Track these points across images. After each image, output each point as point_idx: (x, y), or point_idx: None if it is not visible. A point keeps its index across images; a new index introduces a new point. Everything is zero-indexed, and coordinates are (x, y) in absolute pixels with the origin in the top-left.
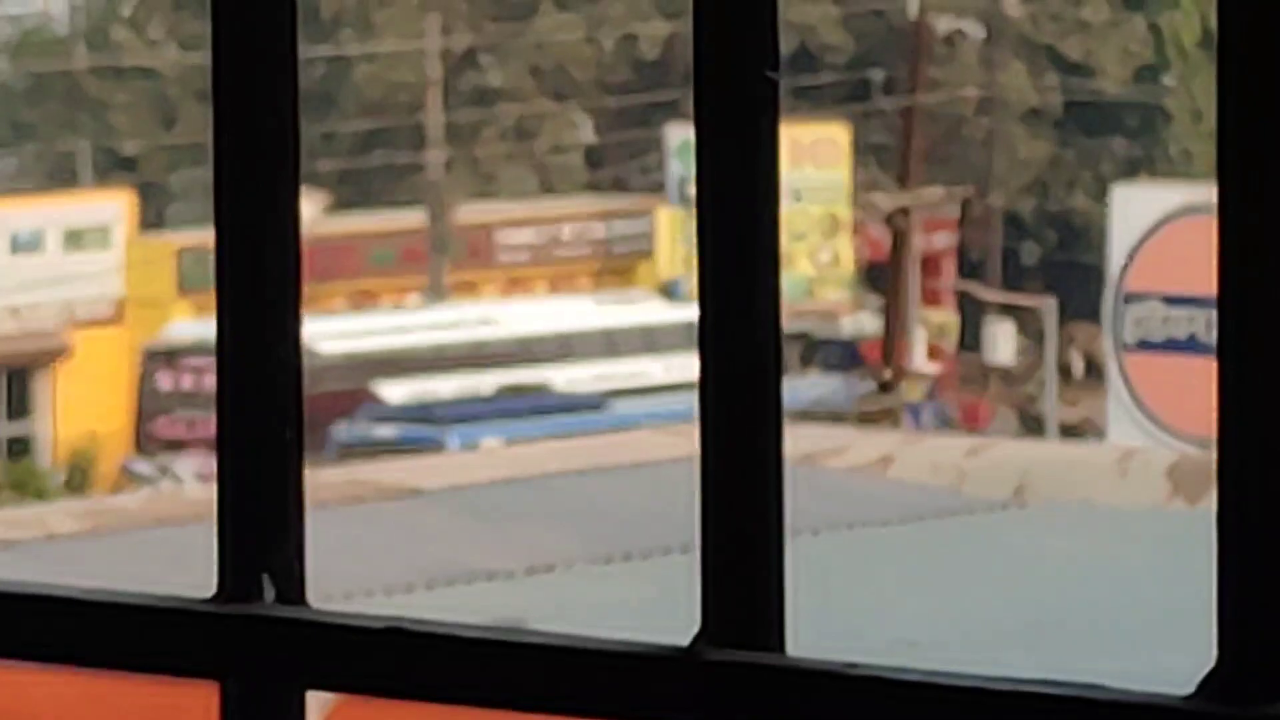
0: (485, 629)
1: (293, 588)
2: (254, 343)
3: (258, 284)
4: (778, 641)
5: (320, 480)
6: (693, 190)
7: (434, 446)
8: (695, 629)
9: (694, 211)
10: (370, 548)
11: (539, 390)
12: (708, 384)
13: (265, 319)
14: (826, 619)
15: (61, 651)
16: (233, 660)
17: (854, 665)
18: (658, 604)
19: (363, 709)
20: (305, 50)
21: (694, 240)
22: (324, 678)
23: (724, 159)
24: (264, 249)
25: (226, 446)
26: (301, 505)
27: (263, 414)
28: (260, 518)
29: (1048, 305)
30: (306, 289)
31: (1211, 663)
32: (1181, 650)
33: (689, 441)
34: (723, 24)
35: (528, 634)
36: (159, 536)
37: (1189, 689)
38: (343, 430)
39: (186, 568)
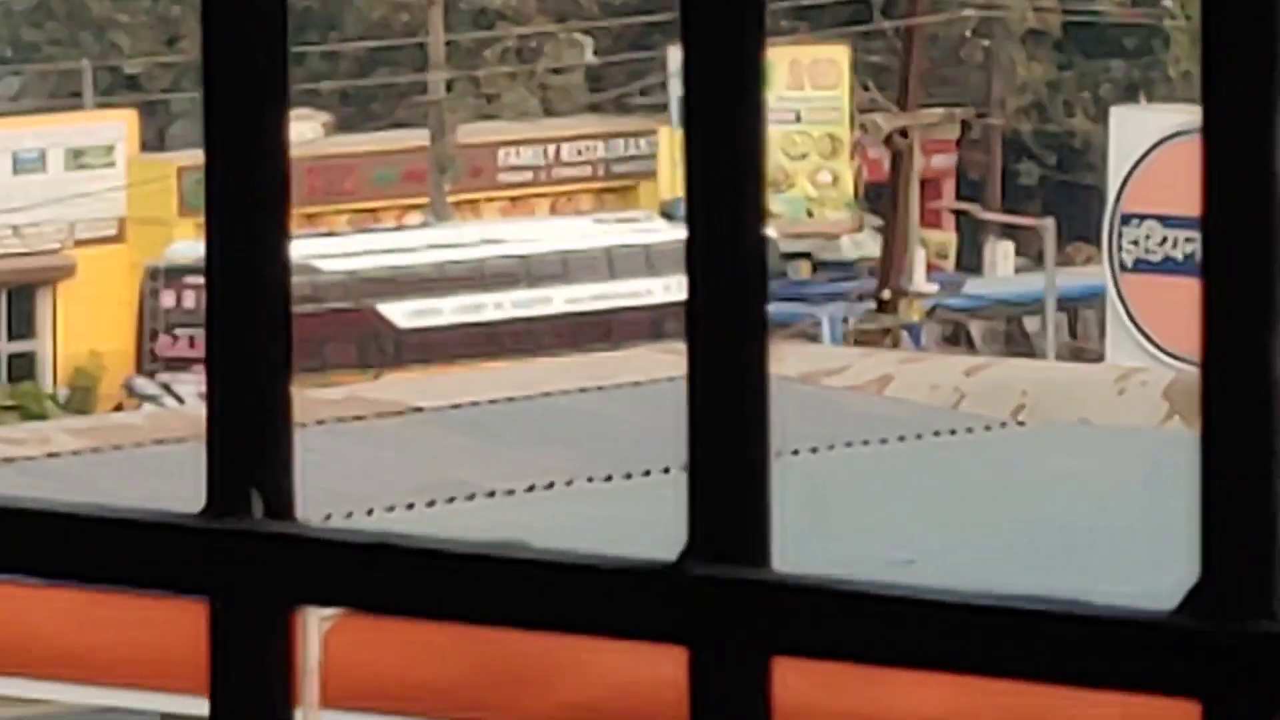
0: (473, 544)
1: (282, 503)
2: (241, 260)
3: (246, 202)
4: (764, 558)
5: (320, 398)
6: None
7: (809, 325)
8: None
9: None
10: (370, 465)
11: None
12: (695, 302)
13: (253, 236)
14: (824, 537)
15: (49, 566)
16: (221, 576)
17: (840, 581)
18: (658, 522)
19: (362, 624)
20: None
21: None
22: (312, 593)
23: (711, 78)
24: (252, 168)
25: (215, 363)
26: (290, 421)
27: (251, 330)
28: (249, 433)
29: (1046, 226)
30: (309, 208)
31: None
32: (1177, 568)
33: (685, 359)
34: None
35: (515, 549)
36: (161, 453)
37: (1174, 605)
38: None
39: (187, 485)
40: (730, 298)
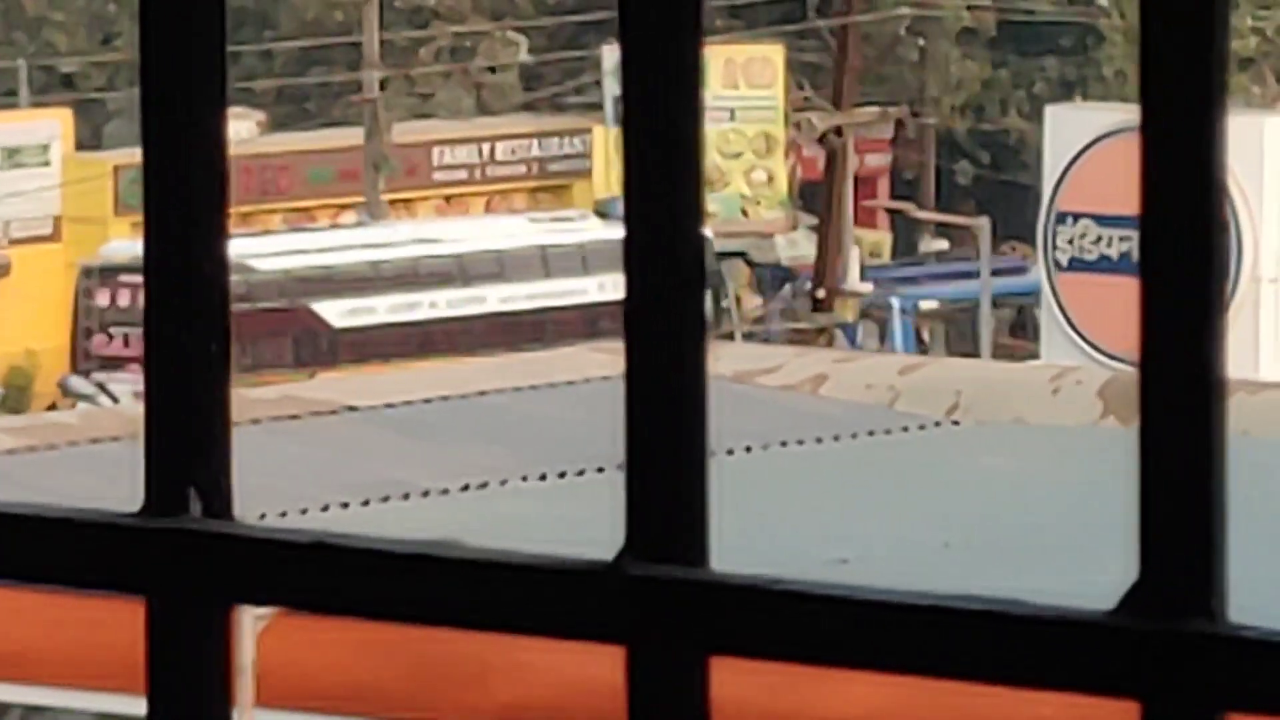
0: (409, 544)
1: (219, 502)
2: (180, 259)
3: (184, 201)
4: (701, 557)
5: (254, 397)
6: None
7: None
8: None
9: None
10: (304, 464)
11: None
12: (633, 300)
13: (191, 235)
14: (759, 536)
15: None
16: (158, 575)
17: (777, 581)
18: (592, 521)
19: (297, 624)
20: None
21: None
22: (250, 592)
23: (649, 76)
24: (191, 167)
25: (153, 361)
26: (228, 420)
27: (189, 329)
28: (187, 432)
29: (981, 225)
30: (244, 207)
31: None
32: (1113, 567)
33: (621, 359)
34: None
35: (452, 549)
36: (96, 452)
37: (1112, 604)
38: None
39: (123, 484)
40: (669, 296)
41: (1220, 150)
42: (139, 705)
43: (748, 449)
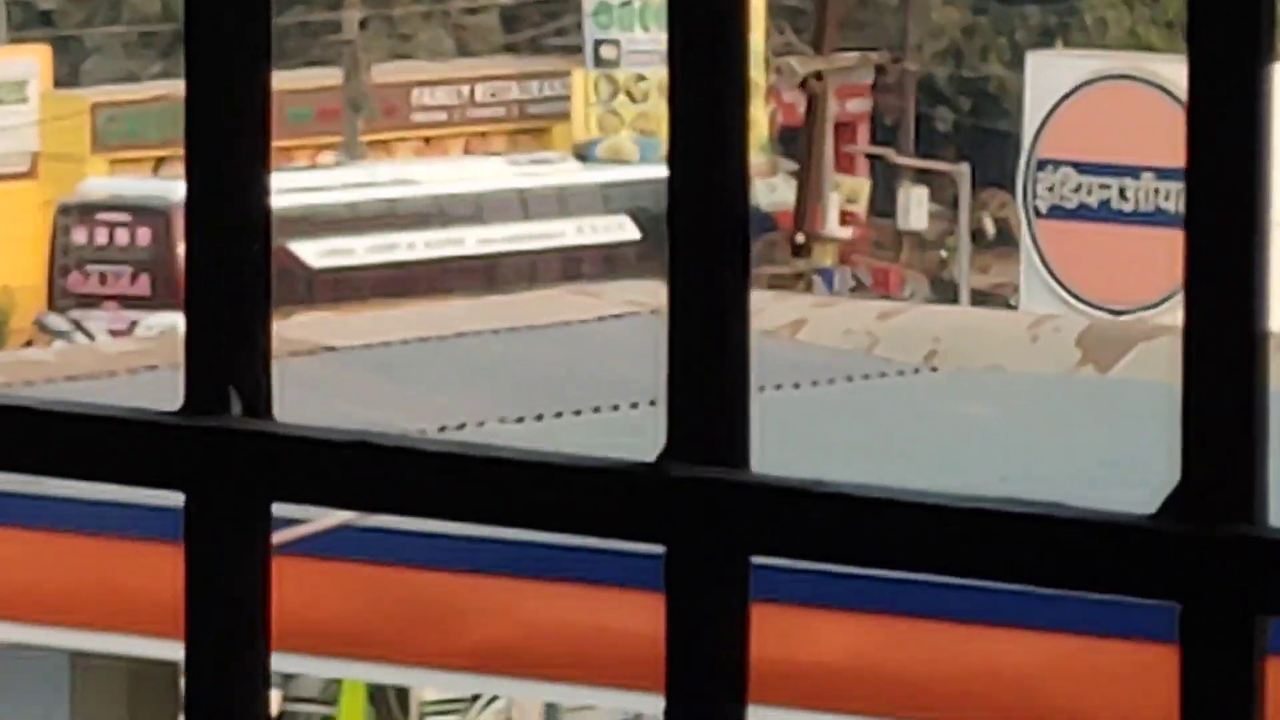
0: (450, 444)
1: (259, 402)
2: (226, 167)
3: (231, 123)
4: (742, 459)
5: None
6: (607, 53)
7: None
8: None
9: (609, 73)
10: (281, 404)
11: None
12: (677, 205)
13: (235, 146)
14: None
15: (27, 462)
16: (198, 473)
17: (819, 483)
18: None
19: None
20: None
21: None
22: (289, 491)
23: (695, 20)
24: (236, 104)
25: (195, 260)
26: (269, 321)
27: (232, 228)
28: (228, 332)
29: (961, 171)
30: None
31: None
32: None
33: (604, 303)
34: None
35: (494, 449)
36: (72, 390)
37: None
38: None
39: None
40: (712, 201)
41: (1268, 102)
42: (109, 643)
43: None
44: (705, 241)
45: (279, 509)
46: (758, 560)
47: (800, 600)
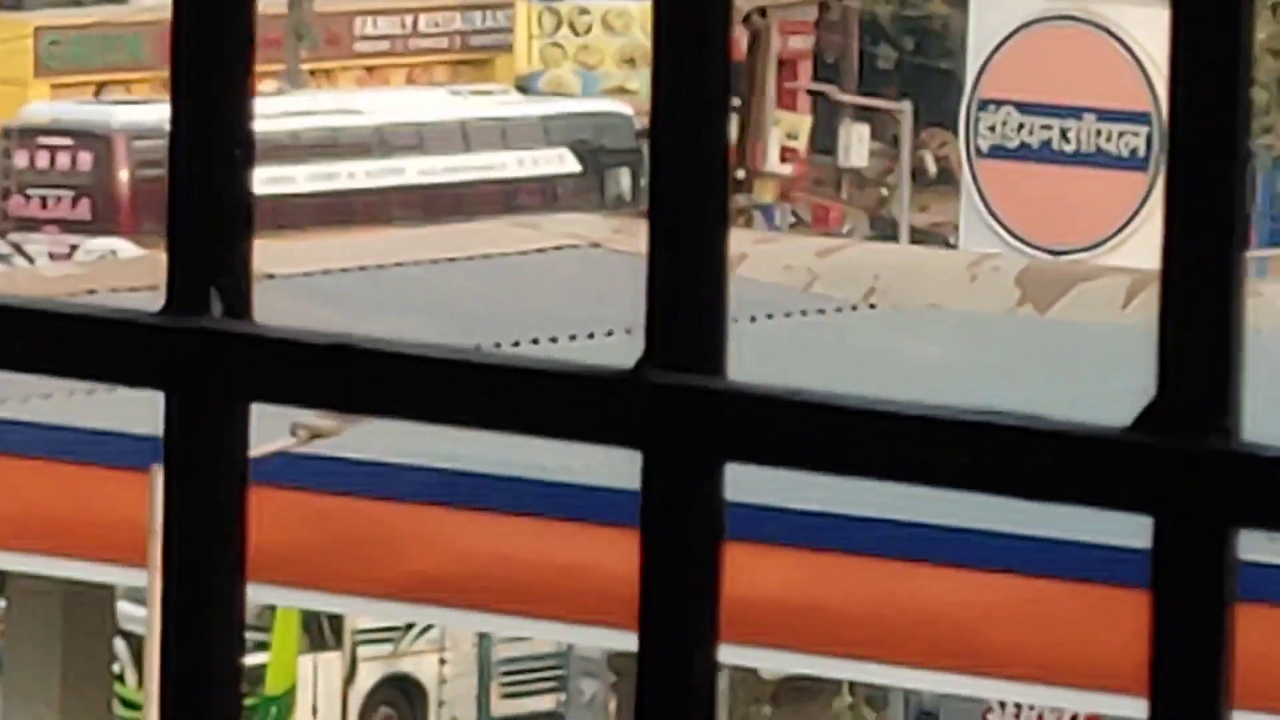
0: (431, 348)
1: (240, 303)
2: (208, 85)
3: (214, 57)
4: (718, 366)
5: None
6: None
7: None
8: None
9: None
10: None
11: None
12: (660, 114)
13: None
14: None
15: (7, 359)
16: (179, 372)
17: (796, 391)
18: None
19: None
20: None
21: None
22: (269, 392)
23: None
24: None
25: (178, 159)
26: (251, 223)
27: (215, 130)
28: (209, 232)
29: (903, 110)
30: (162, 72)
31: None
32: None
33: (543, 235)
34: None
35: (474, 354)
36: None
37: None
38: None
39: None
40: (694, 99)
41: (1248, 33)
42: (77, 570)
43: None
44: (686, 152)
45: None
46: None
47: (742, 536)
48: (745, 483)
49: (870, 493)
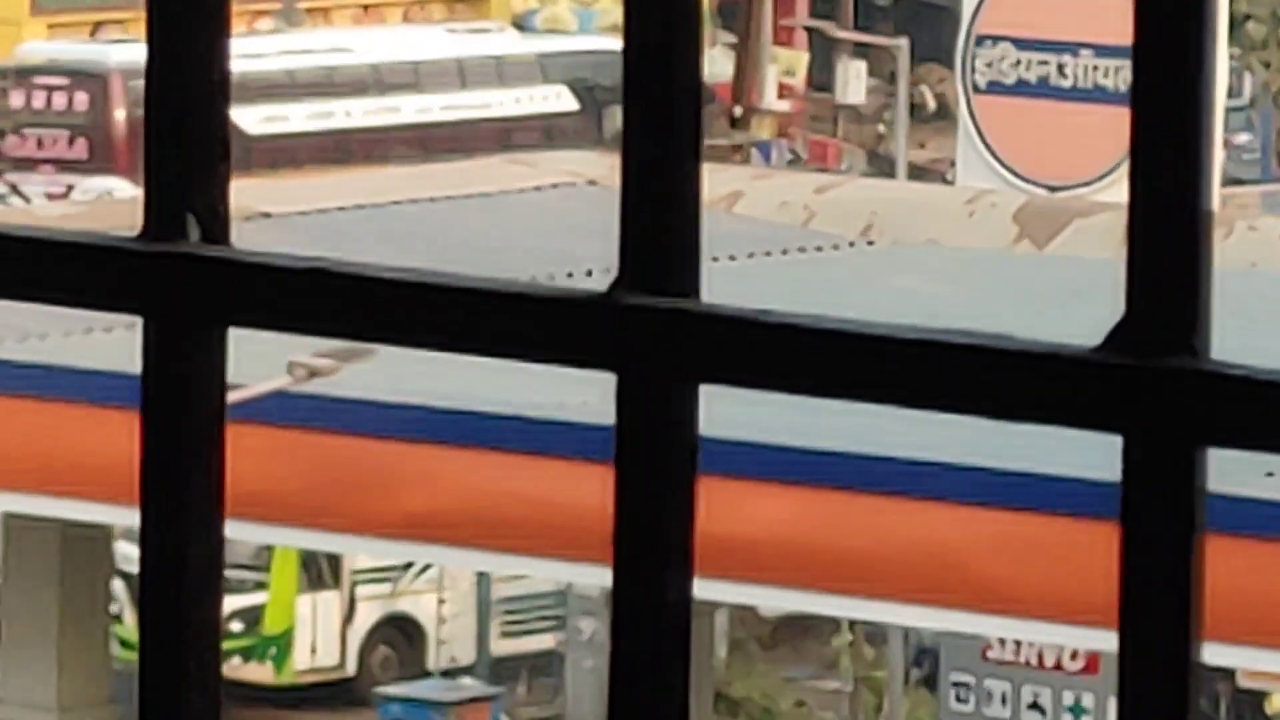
0: (407, 271)
1: (217, 228)
2: (186, 10)
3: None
4: (693, 289)
5: None
6: None
7: None
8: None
9: None
10: None
11: None
12: (631, 49)
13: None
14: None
15: None
16: (157, 296)
17: (767, 312)
18: None
19: None
20: None
21: None
22: (246, 315)
23: None
24: None
25: (154, 85)
26: (228, 148)
27: (190, 55)
28: (186, 159)
29: (899, 46)
30: None
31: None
32: (1032, 429)
33: (540, 172)
34: None
35: (449, 277)
36: None
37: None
38: None
39: None
40: (665, 45)
41: None
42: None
43: None
44: (657, 79)
45: None
46: None
47: (731, 472)
48: (739, 420)
49: (866, 430)
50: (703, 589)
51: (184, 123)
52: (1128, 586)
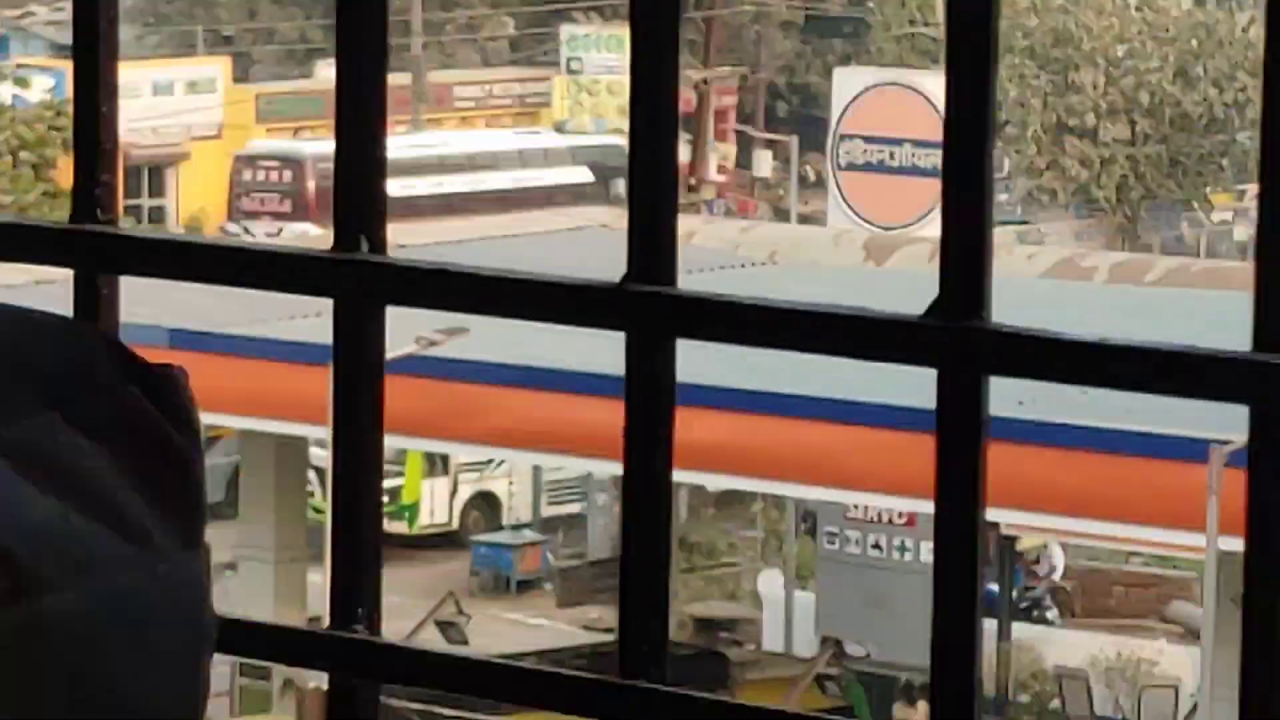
0: (490, 269)
1: (379, 244)
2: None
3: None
4: (671, 282)
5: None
6: (575, 66)
7: None
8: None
9: (585, 79)
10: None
11: None
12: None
13: None
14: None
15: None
16: (341, 287)
17: (718, 295)
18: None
19: None
20: None
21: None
22: (397, 299)
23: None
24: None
25: (340, 165)
26: (384, 196)
27: (360, 146)
28: (360, 205)
29: (793, 141)
30: (329, 123)
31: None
32: (879, 370)
33: (569, 219)
34: None
35: (511, 272)
36: None
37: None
38: None
39: None
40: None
41: (993, 95)
42: None
43: None
44: (650, 161)
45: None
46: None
47: (693, 403)
48: (706, 370)
49: (780, 373)
50: (676, 475)
51: (357, 187)
52: (941, 470)
